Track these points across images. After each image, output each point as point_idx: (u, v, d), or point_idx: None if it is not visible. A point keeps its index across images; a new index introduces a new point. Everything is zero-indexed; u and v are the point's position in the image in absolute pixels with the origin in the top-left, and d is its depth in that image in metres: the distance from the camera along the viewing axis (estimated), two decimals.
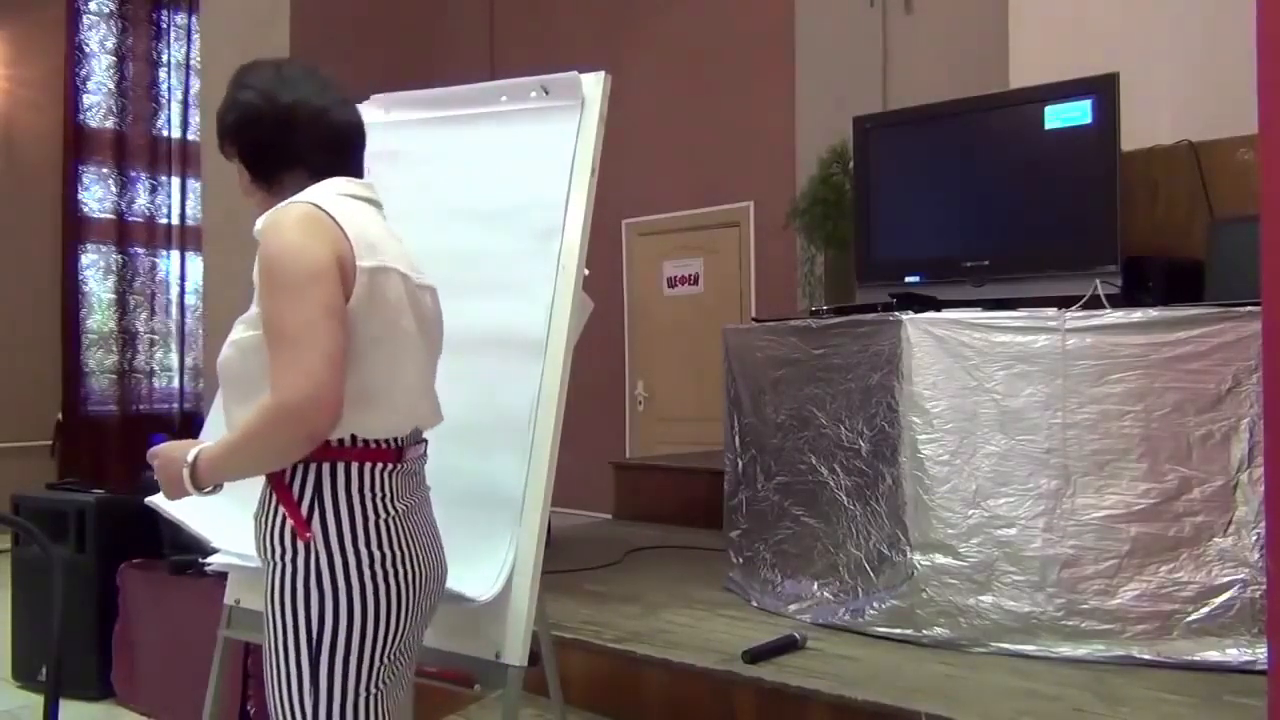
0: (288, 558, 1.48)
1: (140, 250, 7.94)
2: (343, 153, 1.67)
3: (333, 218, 1.50)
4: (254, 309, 1.51)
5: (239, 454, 1.48)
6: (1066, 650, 2.71)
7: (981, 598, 2.80)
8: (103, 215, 7.80)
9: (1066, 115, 3.21)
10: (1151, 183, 3.50)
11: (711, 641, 2.94)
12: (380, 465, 1.53)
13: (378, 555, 1.49)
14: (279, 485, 1.50)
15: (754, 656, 2.72)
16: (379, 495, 1.52)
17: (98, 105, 7.70)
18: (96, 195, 7.76)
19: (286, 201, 1.54)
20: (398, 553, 1.52)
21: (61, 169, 7.52)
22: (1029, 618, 2.75)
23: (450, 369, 2.21)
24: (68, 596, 2.47)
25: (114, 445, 7.67)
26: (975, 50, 4.52)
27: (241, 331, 1.53)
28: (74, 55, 7.53)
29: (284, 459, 1.48)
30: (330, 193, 1.56)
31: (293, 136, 1.61)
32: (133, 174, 7.91)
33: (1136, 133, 3.35)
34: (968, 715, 2.33)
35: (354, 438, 1.51)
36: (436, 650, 2.05)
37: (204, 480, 1.50)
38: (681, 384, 6.50)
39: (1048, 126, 3.25)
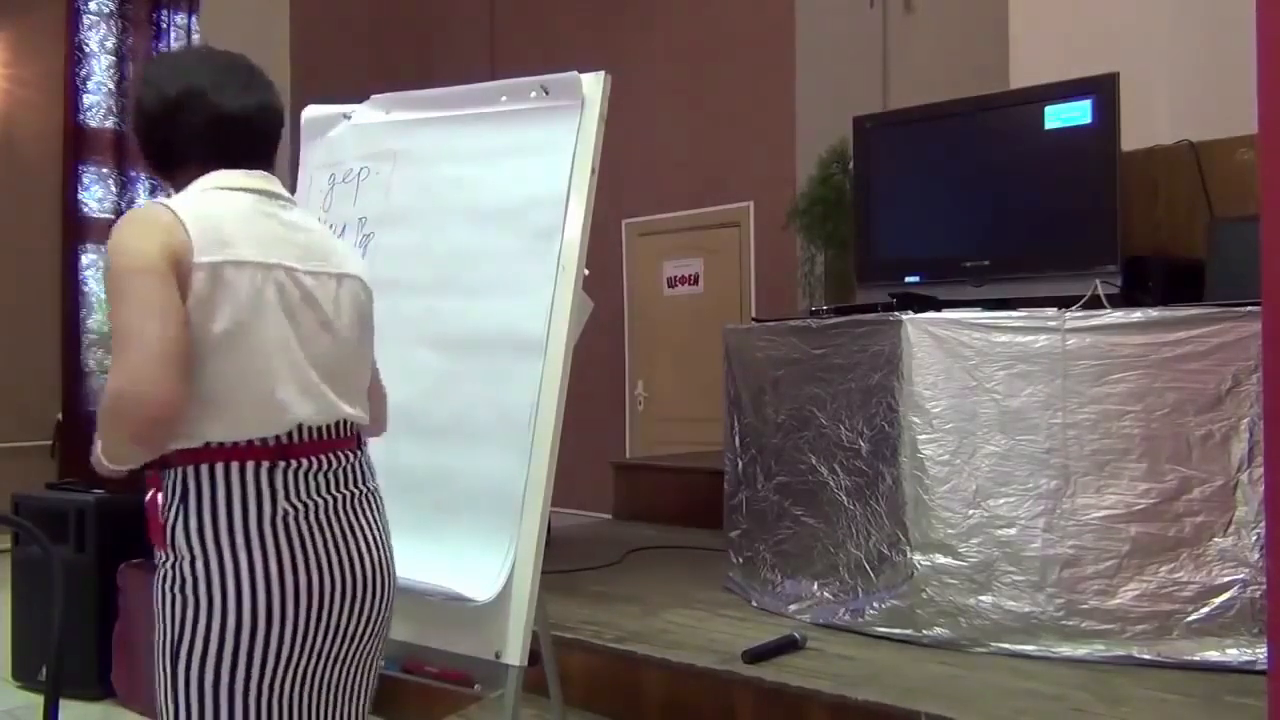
0: (159, 558, 1.43)
1: None
2: (230, 142, 1.53)
3: (176, 215, 1.38)
4: None
5: (104, 445, 1.44)
6: (1066, 650, 2.71)
7: (981, 598, 2.80)
8: (103, 215, 7.78)
9: (1066, 115, 3.21)
10: (1151, 183, 3.50)
11: (711, 641, 2.94)
12: (254, 464, 1.40)
13: (245, 560, 1.36)
14: (150, 489, 1.46)
15: (754, 656, 2.72)
16: (252, 495, 1.39)
17: (98, 105, 7.69)
18: (96, 195, 7.75)
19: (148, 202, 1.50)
20: (278, 558, 1.38)
21: (61, 169, 7.51)
22: (1029, 618, 2.75)
23: (450, 369, 2.23)
24: (68, 596, 2.46)
25: None
26: (975, 50, 4.52)
27: None
28: (74, 55, 7.52)
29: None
30: (196, 188, 1.48)
31: (175, 131, 1.52)
32: (133, 174, 7.89)
33: (1136, 133, 3.35)
34: (968, 715, 2.33)
35: (207, 443, 1.40)
36: (436, 650, 2.05)
37: (103, 469, 1.48)
38: (681, 384, 6.50)
39: (1048, 126, 3.25)
